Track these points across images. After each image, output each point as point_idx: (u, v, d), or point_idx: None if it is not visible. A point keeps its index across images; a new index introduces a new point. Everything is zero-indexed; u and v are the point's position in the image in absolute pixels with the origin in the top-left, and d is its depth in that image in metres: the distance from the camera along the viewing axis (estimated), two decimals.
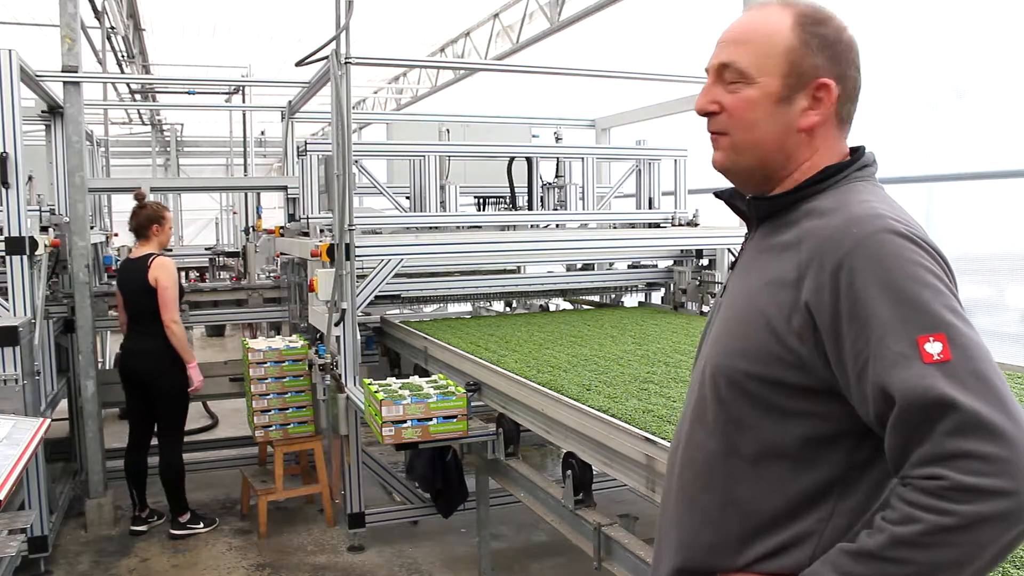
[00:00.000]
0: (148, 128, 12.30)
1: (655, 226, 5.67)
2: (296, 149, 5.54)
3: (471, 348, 3.98)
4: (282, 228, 5.66)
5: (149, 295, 4.71)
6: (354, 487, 4.55)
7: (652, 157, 5.85)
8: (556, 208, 6.02)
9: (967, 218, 4.88)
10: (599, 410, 2.73)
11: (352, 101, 4.27)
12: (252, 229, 7.70)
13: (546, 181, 6.14)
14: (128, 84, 9.45)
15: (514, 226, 5.56)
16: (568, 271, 6.10)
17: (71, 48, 4.93)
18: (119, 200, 8.58)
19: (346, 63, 4.03)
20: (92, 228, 5.45)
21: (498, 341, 4.17)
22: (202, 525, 4.97)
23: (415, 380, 3.67)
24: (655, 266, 5.70)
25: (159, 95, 10.97)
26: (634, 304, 5.86)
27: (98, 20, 7.18)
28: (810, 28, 1.26)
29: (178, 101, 10.38)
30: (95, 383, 5.11)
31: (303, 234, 5.11)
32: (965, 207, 4.87)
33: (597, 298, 6.04)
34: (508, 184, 5.96)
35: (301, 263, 5.19)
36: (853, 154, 1.32)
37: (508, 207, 6.05)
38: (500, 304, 6.34)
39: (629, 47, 8.71)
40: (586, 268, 6.08)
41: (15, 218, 4.20)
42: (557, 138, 6.51)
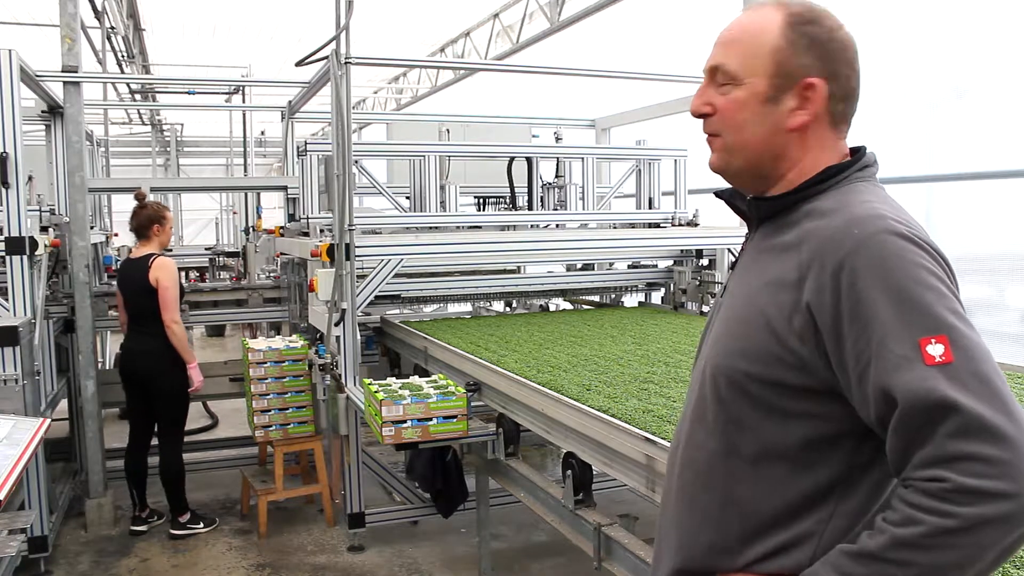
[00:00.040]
0: (148, 128, 12.30)
1: (655, 226, 5.67)
2: (296, 149, 5.54)
3: (471, 348, 3.98)
4: (282, 228, 5.66)
5: (150, 295, 4.71)
6: (354, 487, 4.55)
7: (652, 157, 5.85)
8: (556, 208, 6.02)
9: (967, 218, 4.88)
10: (599, 410, 2.73)
11: (352, 101, 4.27)
12: (252, 229, 7.70)
13: (546, 181, 6.14)
14: (128, 84, 9.46)
15: (514, 226, 5.56)
16: (568, 271, 6.10)
17: (71, 48, 4.93)
18: (119, 200, 8.59)
19: (346, 63, 4.03)
20: (92, 228, 5.45)
21: (498, 341, 4.17)
22: (202, 525, 4.97)
23: (415, 380, 3.67)
24: (655, 266, 5.70)
25: (159, 95, 10.98)
26: (634, 304, 5.86)
27: (98, 20, 7.18)
28: (799, 28, 1.25)
29: (178, 101, 10.38)
30: (95, 383, 5.11)
31: (303, 234, 5.11)
32: (965, 207, 4.86)
33: (597, 298, 6.03)
34: (508, 184, 5.95)
35: (301, 263, 5.18)
36: (854, 154, 1.31)
37: (508, 207, 6.05)
38: (500, 304, 6.34)
39: (629, 47, 8.71)
40: (586, 268, 6.08)
41: (15, 218, 4.20)
42: (557, 138, 6.51)
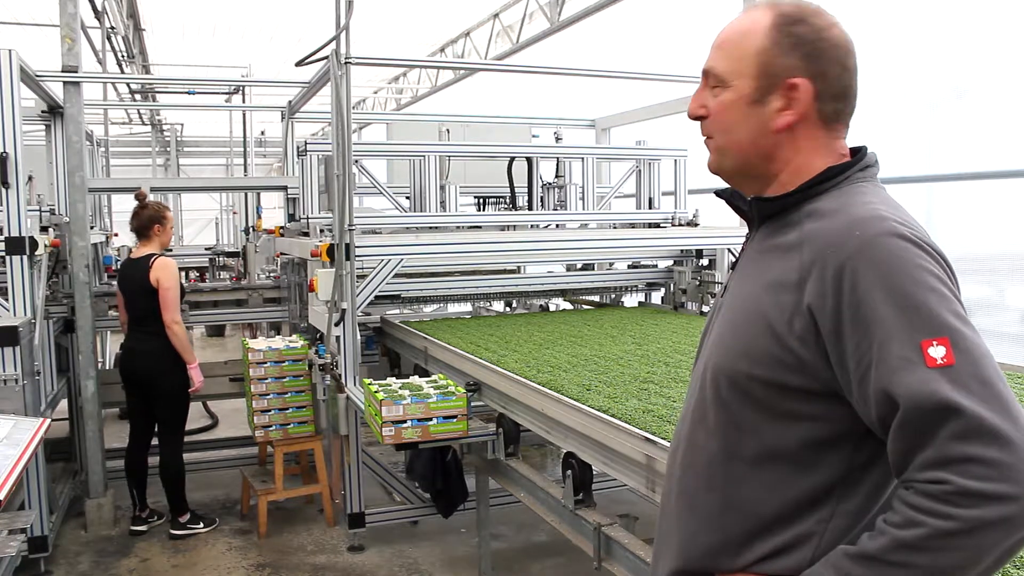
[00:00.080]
0: (148, 128, 12.30)
1: (655, 226, 5.67)
2: (296, 149, 5.54)
3: (471, 348, 3.98)
4: (282, 228, 5.66)
5: (150, 295, 4.71)
6: (354, 487, 4.55)
7: (652, 157, 5.85)
8: (556, 208, 6.01)
9: (967, 218, 4.88)
10: (599, 410, 2.73)
11: (352, 101, 4.27)
12: (252, 229, 7.70)
13: (546, 181, 6.14)
14: (128, 84, 9.46)
15: (514, 226, 5.56)
16: (568, 271, 6.10)
17: (71, 48, 4.93)
18: (119, 200, 8.60)
19: (346, 63, 4.03)
20: (92, 228, 5.45)
21: (498, 341, 4.17)
22: (202, 525, 4.97)
23: (415, 380, 3.66)
24: (655, 266, 5.69)
25: (159, 95, 10.98)
26: (634, 304, 5.86)
27: (98, 20, 7.18)
28: (785, 28, 1.26)
29: (178, 101, 10.38)
30: (95, 383, 5.11)
31: (303, 234, 5.11)
32: (965, 207, 4.86)
33: (597, 298, 6.03)
34: (508, 184, 5.95)
35: (301, 263, 5.18)
36: (855, 155, 1.31)
37: (508, 207, 6.05)
38: (500, 304, 6.34)
39: (629, 47, 8.70)
40: (586, 268, 6.08)
41: (15, 218, 4.20)
42: (557, 138, 6.51)
